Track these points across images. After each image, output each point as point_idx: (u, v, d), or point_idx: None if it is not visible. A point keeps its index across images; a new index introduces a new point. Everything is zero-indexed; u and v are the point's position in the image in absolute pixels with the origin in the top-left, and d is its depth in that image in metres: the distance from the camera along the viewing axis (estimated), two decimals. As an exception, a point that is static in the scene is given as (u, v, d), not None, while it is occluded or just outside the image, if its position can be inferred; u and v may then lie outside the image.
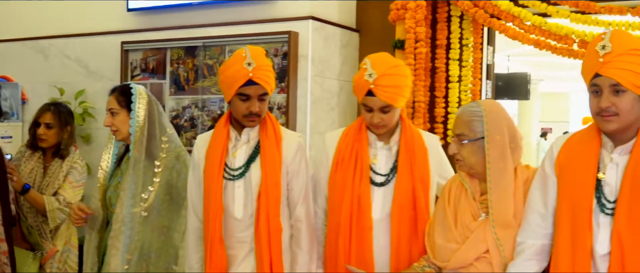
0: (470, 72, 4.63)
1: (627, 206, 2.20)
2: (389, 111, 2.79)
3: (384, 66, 2.76)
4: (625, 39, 2.21)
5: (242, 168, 2.85)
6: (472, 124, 2.51)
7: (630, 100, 2.19)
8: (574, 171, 2.34)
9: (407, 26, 4.46)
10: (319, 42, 4.66)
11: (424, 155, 2.88)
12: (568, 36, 4.09)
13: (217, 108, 4.98)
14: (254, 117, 2.80)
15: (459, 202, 2.60)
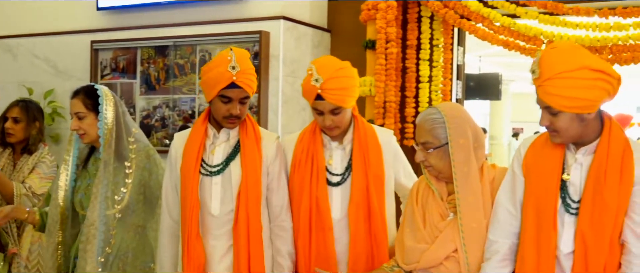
0: (440, 72, 4.67)
1: (591, 205, 2.23)
2: (340, 112, 2.81)
3: (329, 70, 2.77)
4: (553, 62, 2.20)
5: (220, 166, 2.85)
6: (435, 131, 2.51)
7: (566, 120, 2.22)
8: (539, 172, 2.36)
9: (377, 26, 4.48)
10: (290, 42, 4.67)
11: (377, 151, 2.89)
12: (537, 37, 4.14)
13: (188, 108, 4.96)
14: (233, 119, 2.81)
15: (426, 202, 2.61)
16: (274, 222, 2.92)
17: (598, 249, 2.22)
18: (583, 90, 2.16)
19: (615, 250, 2.24)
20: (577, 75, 2.16)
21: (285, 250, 2.89)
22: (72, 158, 3.20)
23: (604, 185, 2.22)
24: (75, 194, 3.16)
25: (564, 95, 2.17)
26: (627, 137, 2.30)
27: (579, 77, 2.16)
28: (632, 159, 2.24)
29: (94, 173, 3.13)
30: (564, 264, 2.30)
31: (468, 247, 2.45)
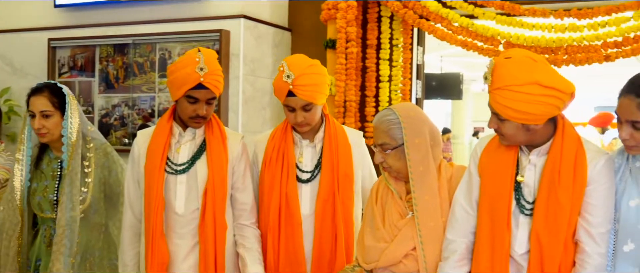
0: (400, 71, 4.70)
1: (545, 206, 2.27)
2: (311, 109, 2.86)
3: (300, 67, 2.82)
4: (504, 73, 2.23)
5: (186, 164, 2.85)
6: (392, 132, 2.53)
7: (512, 128, 2.27)
8: (493, 173, 2.39)
9: (338, 26, 4.50)
10: (250, 41, 4.66)
11: (347, 150, 2.94)
12: (494, 37, 4.20)
13: (148, 107, 4.91)
14: (199, 119, 2.81)
15: (386, 202, 2.63)
16: (238, 221, 2.93)
17: (553, 249, 2.25)
18: (530, 105, 2.19)
19: (569, 249, 2.28)
20: (526, 90, 2.18)
21: (252, 247, 2.90)
22: (26, 158, 3.14)
23: (558, 186, 2.25)
24: (32, 196, 3.11)
25: (510, 107, 2.21)
26: (580, 137, 2.34)
27: (527, 92, 2.18)
28: (585, 159, 2.28)
29: (50, 175, 3.09)
30: (520, 264, 2.33)
31: (425, 245, 2.47)
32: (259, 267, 2.86)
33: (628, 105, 2.19)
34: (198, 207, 2.83)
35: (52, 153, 3.11)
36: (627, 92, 2.21)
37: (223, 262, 2.84)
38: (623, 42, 3.94)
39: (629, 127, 2.20)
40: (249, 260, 2.87)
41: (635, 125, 2.18)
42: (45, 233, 3.07)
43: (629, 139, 2.22)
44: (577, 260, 2.28)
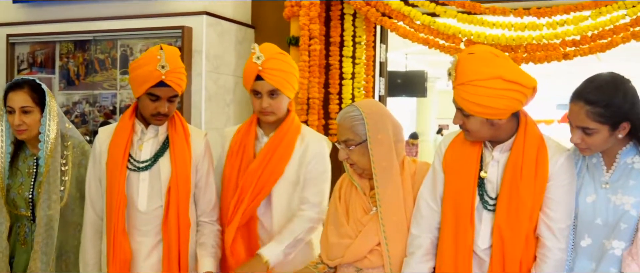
0: (363, 69, 4.71)
1: (507, 202, 2.30)
2: (277, 96, 2.85)
3: (271, 51, 2.85)
4: (468, 69, 2.26)
5: (149, 161, 2.84)
6: (356, 128, 2.55)
7: (477, 123, 2.31)
8: (457, 169, 2.42)
9: (301, 23, 4.50)
10: (213, 38, 4.63)
11: (287, 150, 2.91)
12: (455, 35, 4.23)
13: (109, 104, 4.86)
14: (161, 117, 2.80)
15: (350, 198, 2.64)
16: (199, 218, 2.94)
17: (514, 244, 2.29)
18: (494, 99, 2.22)
19: (531, 244, 2.32)
20: (489, 85, 2.22)
21: (209, 243, 2.90)
22: (6, 155, 3.05)
23: (520, 182, 2.29)
24: (7, 193, 3.05)
25: (475, 102, 2.24)
26: (542, 134, 2.38)
27: (491, 86, 2.22)
28: (547, 156, 2.32)
29: (26, 172, 3.04)
30: (482, 259, 2.36)
31: (389, 240, 2.49)
32: (210, 260, 2.86)
33: (578, 112, 2.23)
34: (161, 205, 2.82)
35: (28, 150, 3.06)
36: (576, 99, 2.25)
37: (186, 260, 2.84)
38: (581, 41, 4.00)
39: (579, 132, 2.24)
40: (201, 255, 2.87)
41: (586, 131, 2.22)
42: (19, 231, 3.02)
43: (581, 143, 2.26)
44: (538, 255, 2.32)
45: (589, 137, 2.22)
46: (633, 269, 2.18)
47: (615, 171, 2.31)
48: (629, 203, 2.25)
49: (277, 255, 2.77)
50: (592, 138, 2.22)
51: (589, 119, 2.19)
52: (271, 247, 2.79)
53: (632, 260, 2.19)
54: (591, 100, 2.19)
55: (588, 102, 2.19)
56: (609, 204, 2.29)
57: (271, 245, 2.79)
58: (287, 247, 2.79)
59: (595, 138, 2.22)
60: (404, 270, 2.48)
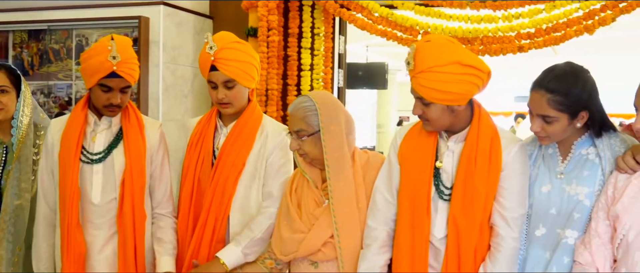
0: (321, 60, 4.72)
1: (462, 191, 2.33)
2: (233, 86, 2.80)
3: (225, 40, 2.78)
4: (426, 56, 2.28)
5: (102, 153, 2.81)
6: (309, 119, 2.54)
7: (436, 110, 2.32)
8: (413, 160, 2.44)
9: (259, 14, 4.48)
10: (171, 29, 4.59)
11: (247, 141, 2.88)
12: (413, 28, 4.26)
13: (65, 94, 4.78)
14: (114, 108, 2.77)
15: (302, 192, 2.64)
16: (155, 210, 2.91)
17: (469, 233, 2.32)
18: (453, 84, 2.25)
19: (485, 233, 2.35)
20: (448, 70, 2.24)
21: (166, 239, 2.88)
22: None
23: (474, 171, 2.32)
24: None
25: (435, 88, 2.26)
26: (496, 125, 2.42)
27: (449, 71, 2.24)
28: (500, 146, 2.35)
29: None
30: (438, 249, 2.38)
31: (340, 231, 2.50)
32: (168, 259, 2.84)
33: (539, 100, 2.26)
34: (115, 197, 2.79)
35: None
36: (537, 87, 2.28)
37: (143, 252, 2.82)
38: (536, 34, 4.06)
39: (540, 120, 2.28)
40: (159, 252, 2.86)
41: (546, 119, 2.26)
42: None
43: (541, 131, 2.29)
44: (492, 244, 2.35)
45: (549, 125, 2.26)
46: (585, 258, 2.22)
47: (570, 162, 2.36)
48: (583, 194, 2.30)
49: (236, 258, 2.74)
50: (552, 126, 2.26)
51: (549, 107, 2.23)
52: (229, 249, 2.76)
53: (585, 249, 2.23)
54: (552, 88, 2.23)
55: (549, 91, 2.23)
56: (564, 194, 2.33)
57: (230, 247, 2.76)
58: (245, 247, 2.75)
59: (555, 127, 2.26)
60: (360, 262, 2.49)
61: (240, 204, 2.85)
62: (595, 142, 2.34)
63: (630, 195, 2.16)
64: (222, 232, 2.83)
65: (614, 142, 2.33)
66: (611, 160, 2.30)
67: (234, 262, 2.73)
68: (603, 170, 2.30)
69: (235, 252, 2.74)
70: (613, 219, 2.19)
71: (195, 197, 2.87)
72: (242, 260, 2.75)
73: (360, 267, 2.48)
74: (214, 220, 2.82)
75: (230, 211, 2.83)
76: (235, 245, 2.75)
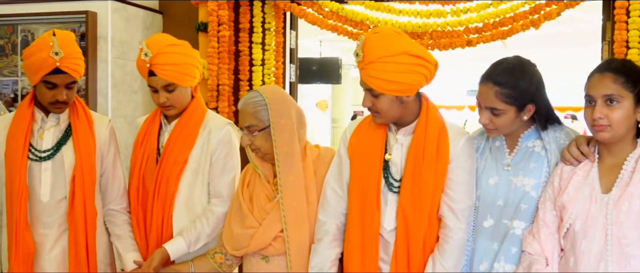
0: (273, 55, 4.70)
1: (411, 183, 2.37)
2: (174, 90, 2.80)
3: (159, 45, 2.77)
4: (375, 47, 2.31)
5: (51, 150, 2.77)
6: (259, 114, 2.55)
7: (387, 101, 2.35)
8: (363, 153, 2.47)
9: (209, 9, 4.45)
10: (119, 23, 4.52)
11: (190, 137, 2.87)
12: (363, 22, 4.28)
13: (10, 91, 4.67)
14: (60, 104, 2.73)
15: (254, 187, 2.65)
16: (108, 207, 2.88)
17: (418, 225, 2.35)
18: (402, 74, 2.28)
19: (433, 225, 2.39)
20: (397, 60, 2.27)
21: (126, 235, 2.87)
22: None
23: (422, 164, 2.35)
24: None
25: (384, 79, 2.28)
26: (443, 118, 2.46)
27: (398, 62, 2.27)
28: (448, 139, 2.39)
29: None
30: (389, 240, 2.41)
31: (289, 225, 2.51)
32: (134, 254, 2.81)
33: (487, 93, 2.30)
34: (65, 196, 2.76)
35: None
36: (486, 80, 2.33)
37: (94, 250, 2.79)
38: (483, 28, 4.11)
39: (488, 113, 2.32)
40: (122, 249, 2.83)
41: (494, 112, 2.30)
42: None
43: (489, 123, 2.33)
44: (441, 235, 2.39)
45: (497, 117, 2.31)
46: (534, 248, 2.27)
47: (516, 154, 2.41)
48: (529, 185, 2.35)
49: (180, 250, 2.76)
50: (500, 118, 2.31)
51: (498, 100, 2.28)
52: (176, 240, 2.76)
53: (534, 239, 2.28)
54: (500, 81, 2.28)
55: (497, 84, 2.28)
56: (511, 186, 2.38)
57: (177, 240, 2.76)
58: (192, 243, 2.76)
59: (503, 119, 2.31)
60: (312, 257, 2.51)
61: (185, 201, 2.84)
62: (541, 135, 2.39)
63: (575, 186, 2.22)
64: (168, 230, 2.82)
65: (559, 135, 2.39)
66: (556, 153, 2.36)
67: (177, 253, 2.74)
68: (549, 162, 2.36)
69: (181, 244, 2.75)
70: (559, 209, 2.25)
71: (141, 195, 2.87)
72: (185, 251, 2.76)
73: (311, 261, 2.50)
74: (160, 218, 2.82)
75: (174, 209, 2.82)
76: (182, 238, 2.76)
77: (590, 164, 2.25)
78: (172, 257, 2.74)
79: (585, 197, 2.20)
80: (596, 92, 2.16)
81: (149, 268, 2.70)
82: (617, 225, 2.10)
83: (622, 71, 2.15)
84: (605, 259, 2.11)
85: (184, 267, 2.75)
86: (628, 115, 2.13)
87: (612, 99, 2.13)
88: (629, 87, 2.13)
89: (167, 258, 2.75)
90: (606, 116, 2.13)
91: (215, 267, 2.74)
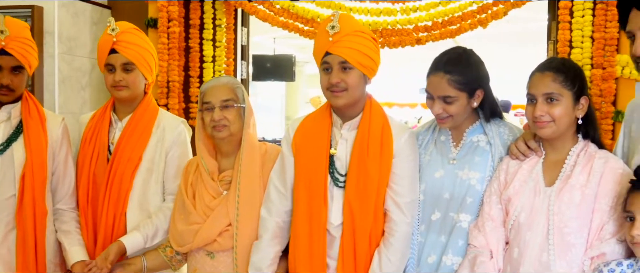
0: (224, 52, 4.70)
1: (356, 178, 2.39)
2: (132, 70, 2.80)
3: (126, 25, 2.83)
4: (351, 21, 2.42)
5: (1, 147, 2.70)
6: (237, 91, 2.62)
7: (356, 77, 2.38)
8: (308, 149, 2.48)
9: (159, 4, 4.42)
10: (67, 19, 4.44)
11: (144, 135, 2.85)
12: (314, 20, 4.31)
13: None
14: (5, 90, 2.66)
15: (197, 184, 2.64)
16: (56, 206, 2.83)
17: (363, 219, 2.37)
18: (372, 52, 2.38)
19: (379, 219, 2.41)
20: (368, 38, 2.39)
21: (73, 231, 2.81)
22: None
23: (367, 158, 2.38)
24: None
25: (359, 50, 2.35)
26: (386, 114, 2.49)
27: (369, 39, 2.39)
28: (391, 134, 2.42)
29: None
30: (335, 235, 2.42)
31: (241, 218, 2.52)
32: (79, 249, 2.77)
33: (438, 82, 2.35)
34: (14, 194, 2.69)
35: None
36: (435, 70, 2.38)
37: (43, 249, 2.73)
38: (433, 27, 4.18)
39: (441, 102, 2.36)
40: (68, 243, 2.78)
41: (447, 100, 2.34)
42: None
43: (442, 112, 2.37)
44: (386, 229, 2.41)
45: (450, 105, 2.35)
46: (479, 241, 2.31)
47: (462, 148, 2.45)
48: (475, 178, 2.39)
49: (136, 244, 2.73)
50: (453, 106, 2.35)
51: (450, 87, 2.33)
52: (132, 235, 2.73)
53: (479, 232, 2.32)
54: (449, 69, 2.34)
55: (447, 72, 2.33)
56: (456, 179, 2.41)
57: (133, 234, 2.74)
58: (149, 238, 2.75)
59: (455, 106, 2.35)
60: (253, 254, 2.51)
61: (138, 200, 2.81)
62: (485, 130, 2.45)
63: (521, 179, 2.28)
64: (121, 229, 2.79)
65: (502, 130, 2.45)
66: (500, 147, 2.41)
67: (134, 248, 2.72)
68: (493, 156, 2.41)
69: (137, 238, 2.73)
70: (505, 203, 2.29)
71: (91, 193, 2.83)
72: (141, 246, 2.74)
73: (252, 257, 2.51)
74: (112, 216, 2.78)
75: (127, 207, 2.79)
76: (138, 232, 2.74)
77: (536, 159, 2.31)
78: (129, 251, 2.71)
79: (529, 191, 2.26)
80: (537, 91, 2.23)
81: (105, 262, 2.66)
82: (559, 216, 2.17)
83: (561, 70, 2.21)
84: (548, 249, 2.16)
85: (136, 261, 2.73)
86: (567, 112, 2.21)
87: (552, 97, 2.20)
88: (568, 86, 2.20)
89: (124, 252, 2.72)
90: (547, 113, 2.19)
91: (165, 261, 2.73)
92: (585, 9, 3.99)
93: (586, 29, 4.01)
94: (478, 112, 2.47)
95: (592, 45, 4.02)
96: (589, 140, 2.28)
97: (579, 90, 2.22)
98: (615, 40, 3.98)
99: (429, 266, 2.43)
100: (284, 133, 2.63)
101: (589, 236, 2.15)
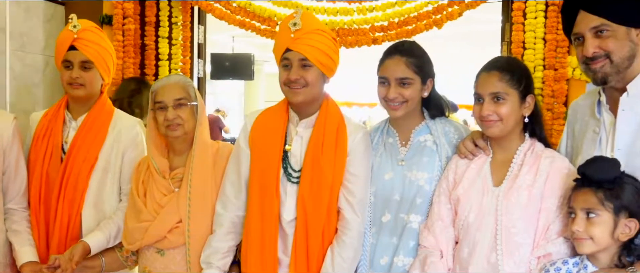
0: (180, 50, 4.67)
1: (310, 175, 2.40)
2: (90, 68, 2.79)
3: (88, 24, 2.84)
4: (313, 20, 2.46)
5: None
6: (189, 90, 2.62)
7: (315, 75, 2.40)
8: (263, 144, 2.49)
9: (114, 1, 4.37)
10: (18, 14, 4.35)
11: (100, 134, 2.83)
12: (271, 18, 4.31)
13: None
14: None
15: (148, 182, 2.63)
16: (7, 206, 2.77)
17: (317, 216, 2.39)
18: (332, 51, 2.41)
19: (332, 217, 2.43)
20: (328, 37, 2.41)
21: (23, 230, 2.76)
22: None
23: (321, 156, 2.40)
24: None
25: (320, 49, 2.38)
26: (342, 113, 2.52)
27: (329, 38, 2.41)
28: (346, 132, 2.45)
29: None
30: (288, 231, 2.44)
31: (193, 214, 2.52)
32: (29, 249, 2.73)
33: (396, 64, 2.40)
34: None
35: None
36: (393, 53, 2.44)
37: None
38: (389, 27, 4.22)
39: (397, 85, 2.39)
40: (18, 244, 2.73)
41: (404, 81, 2.38)
42: None
43: (398, 97, 2.40)
44: (339, 227, 2.43)
45: (406, 88, 2.39)
46: (429, 241, 2.34)
47: (410, 149, 2.48)
48: (423, 179, 2.42)
49: (101, 244, 2.71)
50: (409, 90, 2.39)
51: (408, 69, 2.38)
52: (95, 235, 2.70)
53: (429, 232, 2.35)
54: (407, 52, 2.41)
55: (405, 54, 2.40)
56: (405, 180, 2.44)
57: (95, 234, 2.71)
58: (111, 237, 2.73)
59: (411, 91, 2.40)
60: (205, 248, 2.52)
61: (94, 200, 2.79)
62: (431, 129, 2.48)
63: (469, 179, 2.31)
64: (76, 229, 2.76)
65: (448, 129, 2.49)
66: (446, 147, 2.45)
67: (98, 247, 2.70)
68: (440, 156, 2.44)
69: (100, 237, 2.70)
70: (454, 202, 2.33)
71: (44, 193, 2.79)
72: (105, 246, 2.72)
73: (204, 252, 2.52)
74: (67, 216, 2.75)
75: (83, 207, 2.76)
76: (100, 231, 2.71)
77: (484, 158, 2.35)
78: (93, 251, 2.68)
79: (478, 191, 2.29)
80: (483, 90, 2.27)
81: (70, 262, 2.62)
82: (506, 216, 2.20)
83: (507, 69, 2.26)
84: (496, 249, 2.20)
85: (95, 261, 2.71)
86: (514, 110, 2.25)
87: (498, 96, 2.24)
88: (514, 84, 2.24)
89: (88, 252, 2.68)
90: (494, 112, 2.23)
91: (121, 261, 2.72)
92: (538, 11, 4.07)
93: (539, 31, 4.08)
94: (423, 111, 2.51)
95: (544, 46, 4.09)
96: (536, 139, 2.32)
97: (525, 88, 2.27)
98: (567, 41, 4.05)
99: (381, 267, 2.45)
100: (242, 126, 2.63)
101: (536, 236, 2.19)
